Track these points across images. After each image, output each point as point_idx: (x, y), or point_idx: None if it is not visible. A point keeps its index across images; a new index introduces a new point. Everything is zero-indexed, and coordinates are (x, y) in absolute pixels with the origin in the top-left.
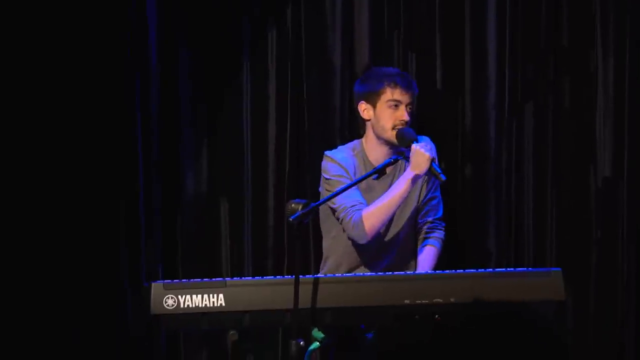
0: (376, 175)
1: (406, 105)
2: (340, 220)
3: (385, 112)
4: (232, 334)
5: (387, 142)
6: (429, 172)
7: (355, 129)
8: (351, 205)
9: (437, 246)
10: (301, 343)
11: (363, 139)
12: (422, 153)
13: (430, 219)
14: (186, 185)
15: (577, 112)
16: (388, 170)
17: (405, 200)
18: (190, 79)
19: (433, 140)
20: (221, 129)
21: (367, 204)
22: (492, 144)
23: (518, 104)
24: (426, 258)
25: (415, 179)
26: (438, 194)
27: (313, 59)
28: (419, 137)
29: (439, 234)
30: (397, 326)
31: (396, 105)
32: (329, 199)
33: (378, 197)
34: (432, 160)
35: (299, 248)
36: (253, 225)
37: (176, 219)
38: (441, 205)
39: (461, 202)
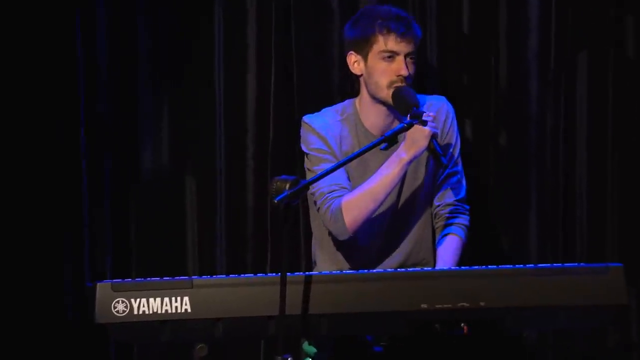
0: (385, 145)
1: (405, 56)
2: (317, 208)
3: (379, 65)
4: (200, 348)
5: (385, 104)
6: (429, 150)
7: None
8: (330, 191)
9: (460, 235)
10: (289, 359)
11: (357, 99)
12: (419, 127)
13: (450, 201)
14: (142, 159)
15: None
16: (400, 138)
17: (395, 186)
18: (147, 23)
19: (455, 101)
20: (187, 87)
21: (355, 188)
22: (533, 105)
23: (568, 52)
24: (447, 251)
25: (409, 160)
26: (459, 168)
27: None
28: (430, 98)
29: (462, 219)
30: (412, 338)
31: (391, 57)
32: (322, 175)
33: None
34: (433, 137)
35: (286, 237)
36: (227, 209)
37: (129, 201)
38: (464, 183)
39: (494, 180)
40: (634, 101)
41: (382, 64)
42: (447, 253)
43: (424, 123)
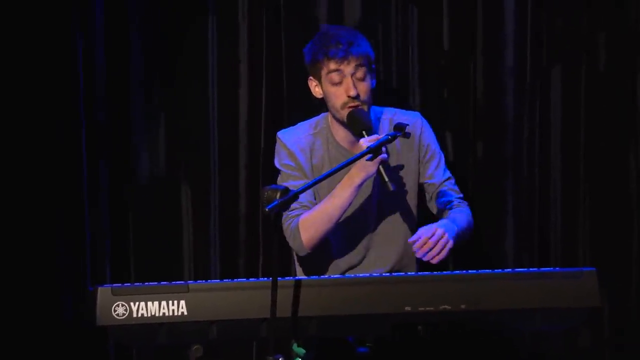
0: (370, 156)
1: (352, 75)
2: (282, 225)
3: (330, 89)
4: (196, 349)
5: (345, 123)
6: (378, 174)
7: None
8: (290, 209)
9: (468, 212)
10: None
11: (328, 114)
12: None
13: (452, 199)
14: (139, 168)
15: (615, 76)
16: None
17: (347, 208)
18: (143, 35)
19: (435, 113)
20: (182, 98)
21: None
22: (509, 117)
23: (542, 66)
24: (459, 214)
25: (359, 184)
26: (449, 174)
27: (293, 12)
28: (406, 113)
29: (466, 207)
30: (395, 339)
31: (335, 80)
32: (309, 186)
33: None
34: (382, 163)
35: (277, 243)
36: (221, 216)
37: (127, 208)
38: (456, 185)
39: (472, 188)
40: (604, 111)
41: (332, 87)
42: (461, 216)
43: (407, 136)
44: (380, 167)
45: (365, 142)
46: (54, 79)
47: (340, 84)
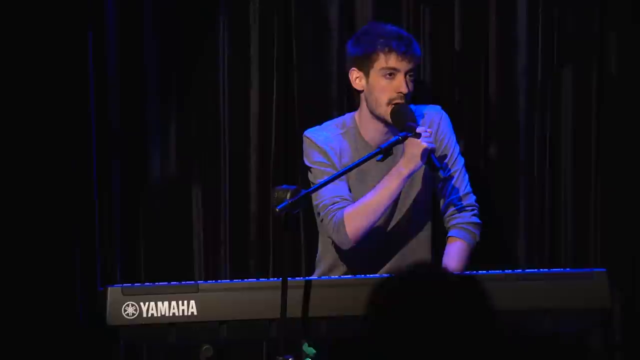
0: (381, 156)
1: (406, 74)
2: (320, 219)
3: (380, 83)
4: (206, 349)
5: (383, 120)
6: (427, 164)
7: (354, 99)
8: (332, 203)
9: (458, 237)
10: None
11: (356, 113)
12: (416, 142)
13: (449, 201)
14: (151, 168)
15: (627, 77)
16: (396, 150)
17: (394, 199)
18: (156, 37)
19: (447, 114)
20: (193, 99)
21: (356, 198)
22: (521, 118)
23: (554, 67)
24: (447, 257)
25: (408, 175)
26: (459, 166)
27: (304, 14)
28: (426, 107)
29: (460, 218)
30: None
31: (391, 74)
32: (320, 186)
33: (372, 187)
34: (431, 152)
35: (288, 244)
36: (231, 217)
37: (138, 208)
38: (464, 179)
39: (484, 189)
40: (615, 113)
41: (383, 81)
42: (447, 261)
43: (418, 135)
44: (430, 156)
45: (425, 133)
46: (65, 79)
47: (392, 78)
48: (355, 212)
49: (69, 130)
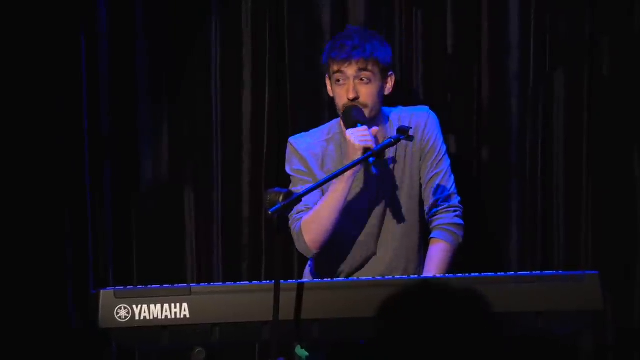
0: (373, 159)
1: (354, 79)
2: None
3: (335, 89)
4: (199, 352)
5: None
6: (362, 162)
7: None
8: (297, 212)
9: (440, 238)
10: None
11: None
12: (351, 143)
13: (431, 201)
14: (143, 171)
15: (619, 80)
16: (397, 155)
17: (345, 200)
18: (147, 39)
19: (439, 117)
20: (185, 100)
21: None
22: (513, 121)
23: (546, 71)
24: (429, 259)
25: (351, 176)
26: (444, 167)
27: (297, 16)
28: (413, 108)
29: (442, 220)
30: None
31: (339, 81)
32: (313, 189)
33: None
34: (366, 150)
35: (280, 246)
36: (224, 220)
37: (130, 211)
38: (450, 181)
39: (476, 192)
40: (607, 117)
41: (336, 88)
42: (430, 263)
43: (411, 138)
44: (362, 153)
45: (351, 133)
46: (57, 80)
47: (343, 85)
48: (311, 221)
49: (60, 132)
